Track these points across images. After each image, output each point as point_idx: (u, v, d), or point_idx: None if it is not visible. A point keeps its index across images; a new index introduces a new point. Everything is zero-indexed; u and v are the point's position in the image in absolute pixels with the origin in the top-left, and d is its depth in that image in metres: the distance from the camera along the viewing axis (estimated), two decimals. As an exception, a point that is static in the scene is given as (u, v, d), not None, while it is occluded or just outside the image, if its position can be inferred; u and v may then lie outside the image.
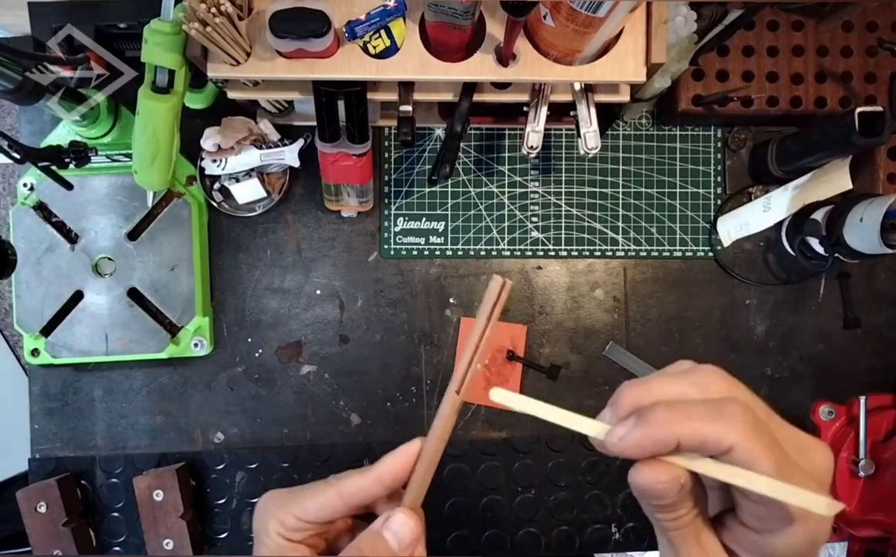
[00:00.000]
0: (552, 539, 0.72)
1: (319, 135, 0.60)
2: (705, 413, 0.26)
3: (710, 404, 0.27)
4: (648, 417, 0.27)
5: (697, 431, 0.26)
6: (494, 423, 0.72)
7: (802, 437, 0.29)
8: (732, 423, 0.26)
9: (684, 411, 0.27)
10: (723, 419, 0.26)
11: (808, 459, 0.28)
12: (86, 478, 0.71)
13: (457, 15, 0.48)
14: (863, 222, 0.60)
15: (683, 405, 0.27)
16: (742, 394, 0.28)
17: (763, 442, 0.26)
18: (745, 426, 0.26)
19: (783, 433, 0.28)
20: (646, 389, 0.28)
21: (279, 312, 0.72)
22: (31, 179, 0.68)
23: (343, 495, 0.34)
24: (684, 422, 0.26)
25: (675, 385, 0.28)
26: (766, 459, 0.25)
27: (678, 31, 0.61)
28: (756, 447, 0.25)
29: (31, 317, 0.68)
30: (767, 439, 0.26)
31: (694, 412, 0.26)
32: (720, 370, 0.28)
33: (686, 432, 0.26)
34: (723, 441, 0.26)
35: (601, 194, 0.73)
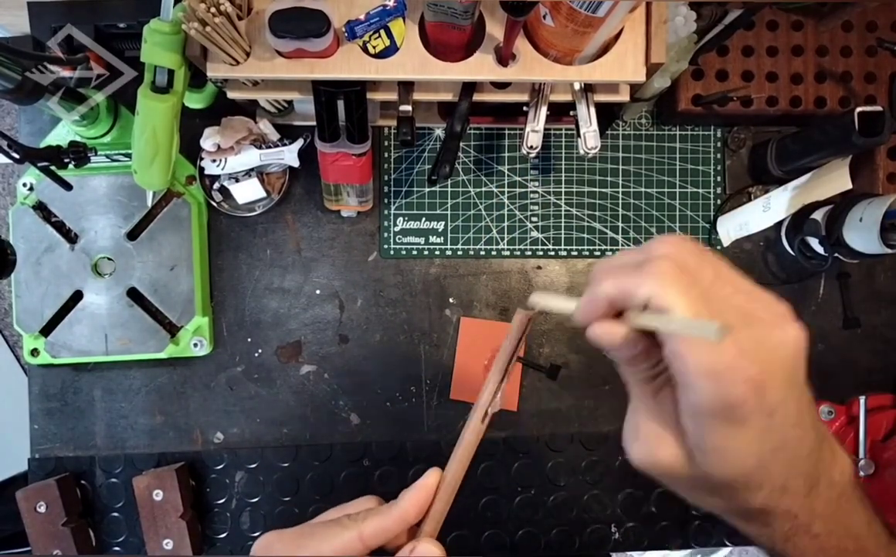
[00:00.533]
0: (552, 539, 0.72)
1: (319, 135, 0.60)
2: (629, 270, 0.29)
3: (643, 262, 0.29)
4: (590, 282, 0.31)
5: (619, 285, 0.29)
6: (494, 423, 0.72)
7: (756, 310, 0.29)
8: (651, 275, 0.28)
9: (616, 269, 0.29)
10: (642, 274, 0.28)
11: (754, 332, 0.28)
12: (85, 478, 0.71)
13: (456, 15, 0.48)
14: (862, 221, 0.60)
15: (618, 266, 0.30)
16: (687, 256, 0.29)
17: (678, 291, 0.27)
18: (664, 278, 0.27)
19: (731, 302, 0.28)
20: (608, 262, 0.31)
21: (279, 312, 0.72)
22: (31, 178, 0.68)
23: (365, 537, 0.32)
24: (610, 280, 0.29)
25: (629, 255, 0.31)
26: (679, 307, 0.27)
27: (678, 30, 0.61)
28: (670, 295, 0.27)
29: (31, 317, 0.68)
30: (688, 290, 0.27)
31: (620, 271, 0.29)
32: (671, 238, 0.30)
33: (611, 288, 0.29)
34: (639, 292, 0.28)
35: (601, 194, 0.73)
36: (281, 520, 0.71)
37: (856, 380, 0.73)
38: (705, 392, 0.27)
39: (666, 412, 0.31)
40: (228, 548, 0.71)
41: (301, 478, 0.71)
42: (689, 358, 0.27)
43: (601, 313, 0.30)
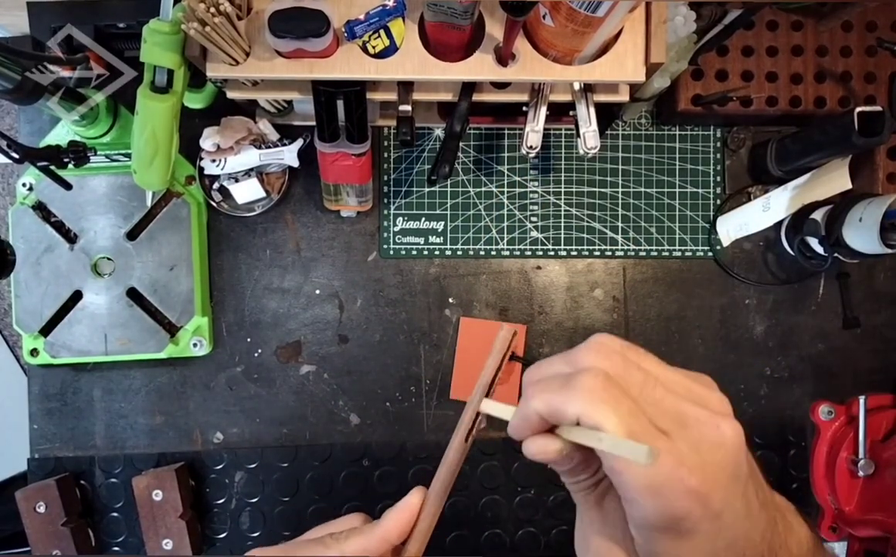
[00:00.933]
0: (552, 539, 0.72)
1: (319, 135, 0.60)
2: (557, 386, 0.28)
3: (567, 376, 0.28)
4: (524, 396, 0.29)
5: (548, 403, 0.28)
6: (494, 423, 0.72)
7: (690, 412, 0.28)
8: (579, 392, 0.27)
9: (544, 386, 0.29)
10: (571, 390, 0.27)
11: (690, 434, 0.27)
12: (85, 478, 0.71)
13: (456, 15, 0.48)
14: (862, 221, 0.60)
15: (546, 381, 0.29)
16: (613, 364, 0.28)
17: (610, 409, 0.26)
18: (592, 394, 0.26)
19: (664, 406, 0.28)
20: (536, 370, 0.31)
21: (278, 312, 0.72)
22: (30, 178, 0.68)
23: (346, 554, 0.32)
24: (540, 395, 0.28)
25: (555, 365, 0.30)
26: (610, 424, 0.26)
27: (677, 30, 0.61)
28: (600, 413, 0.26)
29: (30, 317, 0.68)
30: (618, 406, 0.26)
31: (551, 386, 0.28)
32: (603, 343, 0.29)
33: (541, 405, 0.28)
34: (568, 410, 0.27)
35: (601, 194, 0.73)
36: (281, 520, 0.71)
37: (856, 380, 0.73)
38: (647, 508, 0.27)
39: (613, 522, 0.31)
40: (228, 548, 0.71)
41: (301, 478, 0.71)
42: (627, 475, 0.26)
43: (534, 430, 0.29)
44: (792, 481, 0.72)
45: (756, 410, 0.73)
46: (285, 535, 0.71)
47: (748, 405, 0.73)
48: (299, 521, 0.71)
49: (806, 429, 0.72)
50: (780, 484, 0.72)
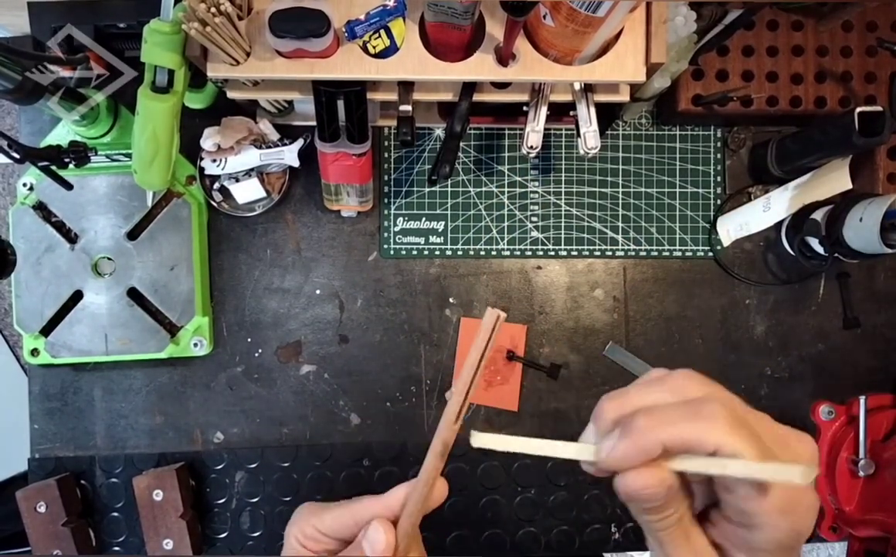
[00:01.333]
0: (552, 539, 0.72)
1: (319, 135, 0.60)
2: (686, 415, 0.27)
3: (690, 405, 0.27)
4: (631, 427, 0.27)
5: (680, 434, 0.27)
6: (494, 423, 0.73)
7: (783, 430, 0.29)
8: (713, 421, 0.26)
9: (664, 416, 0.27)
10: (704, 419, 0.26)
11: (790, 451, 0.28)
12: (85, 478, 0.71)
13: (456, 15, 0.48)
14: (862, 221, 0.60)
15: (663, 411, 0.28)
16: (719, 393, 0.28)
17: (745, 436, 0.26)
18: (726, 423, 0.26)
19: (762, 427, 0.28)
20: (625, 399, 0.29)
21: (279, 312, 0.72)
22: (31, 178, 0.68)
23: (354, 514, 0.36)
24: (666, 427, 0.27)
25: (653, 393, 0.29)
26: (750, 451, 0.26)
27: (678, 30, 0.61)
28: (739, 441, 0.26)
29: (31, 317, 0.68)
30: (748, 433, 0.26)
31: (674, 416, 0.27)
32: (694, 373, 0.29)
33: (669, 436, 0.27)
34: (707, 441, 0.26)
35: (601, 194, 0.73)
36: (281, 520, 0.71)
37: (856, 380, 0.73)
38: (780, 529, 0.27)
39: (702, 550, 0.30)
40: (228, 548, 0.71)
41: (301, 478, 0.71)
42: (760, 500, 0.27)
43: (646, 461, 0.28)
44: (792, 481, 0.72)
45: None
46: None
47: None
48: (299, 521, 0.71)
49: (806, 429, 0.72)
50: (780, 484, 0.72)
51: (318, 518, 0.37)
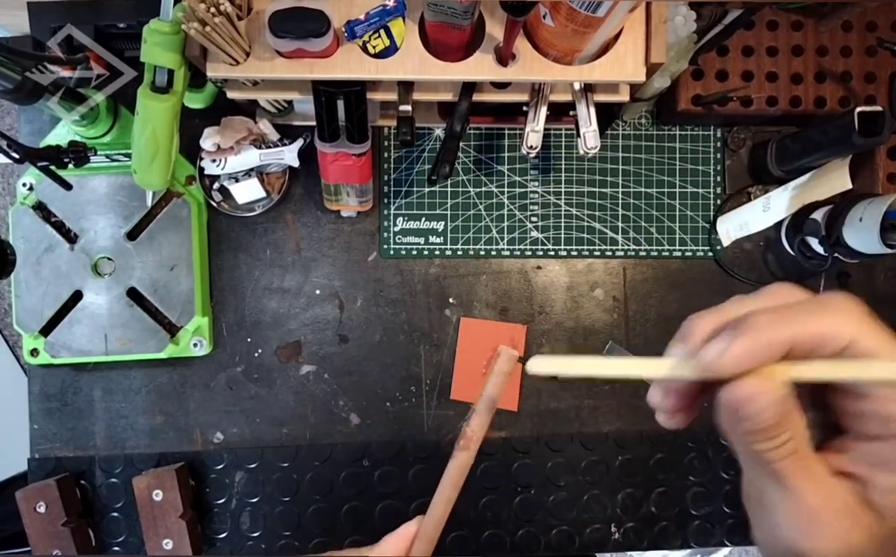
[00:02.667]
0: (552, 539, 0.72)
1: (319, 135, 0.60)
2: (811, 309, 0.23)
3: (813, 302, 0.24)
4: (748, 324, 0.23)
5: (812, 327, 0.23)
6: (494, 423, 0.72)
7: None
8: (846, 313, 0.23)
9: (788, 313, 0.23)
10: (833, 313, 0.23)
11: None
12: (85, 478, 0.71)
13: (456, 15, 0.48)
14: (862, 221, 0.60)
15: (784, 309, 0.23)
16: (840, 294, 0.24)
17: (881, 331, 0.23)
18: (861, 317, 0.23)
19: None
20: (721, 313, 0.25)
21: (278, 312, 0.72)
22: (31, 178, 0.68)
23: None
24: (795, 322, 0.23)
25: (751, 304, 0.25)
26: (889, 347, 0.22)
27: (678, 30, 0.61)
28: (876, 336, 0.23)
29: (31, 317, 0.68)
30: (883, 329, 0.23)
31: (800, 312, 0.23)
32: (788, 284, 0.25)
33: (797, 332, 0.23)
34: (842, 334, 0.22)
35: (601, 194, 0.73)
36: (281, 520, 0.71)
37: (856, 380, 0.73)
38: None
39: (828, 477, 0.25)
40: (228, 548, 0.71)
41: (301, 478, 0.71)
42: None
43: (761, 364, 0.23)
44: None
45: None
46: (285, 535, 0.71)
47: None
48: (299, 521, 0.71)
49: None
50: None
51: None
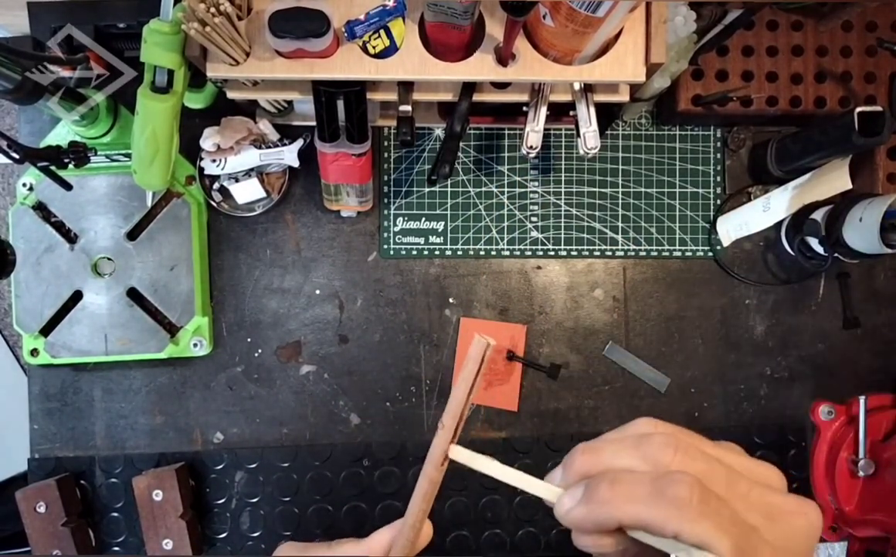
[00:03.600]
0: (552, 539, 0.72)
1: (319, 135, 0.60)
2: (649, 495, 0.25)
3: (657, 483, 0.25)
4: (592, 495, 0.26)
5: (638, 515, 0.25)
6: (494, 423, 0.72)
7: (775, 502, 0.27)
8: (677, 507, 0.24)
9: (628, 491, 0.25)
10: (666, 503, 0.24)
11: (782, 527, 0.26)
12: (85, 478, 0.71)
13: (456, 15, 0.48)
14: (862, 221, 0.60)
15: (628, 485, 0.26)
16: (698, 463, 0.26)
17: (714, 524, 0.24)
18: (691, 510, 0.24)
19: (751, 500, 0.26)
20: (597, 457, 0.28)
21: (278, 312, 0.72)
22: (31, 178, 0.68)
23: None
24: (626, 505, 0.25)
25: (625, 456, 0.27)
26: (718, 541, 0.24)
27: (677, 30, 0.61)
28: (705, 530, 0.24)
29: (31, 317, 0.68)
30: (720, 519, 0.24)
31: (637, 494, 0.25)
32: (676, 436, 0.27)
33: (627, 515, 0.25)
34: (666, 528, 0.24)
35: (601, 194, 0.73)
36: (281, 520, 0.71)
37: (856, 380, 0.73)
38: None
39: None
40: (228, 548, 0.71)
41: (301, 478, 0.71)
42: None
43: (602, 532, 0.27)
44: (792, 481, 0.72)
45: (756, 410, 0.73)
46: (286, 535, 0.71)
47: (748, 405, 0.73)
48: (299, 521, 0.71)
49: (806, 429, 0.72)
50: (780, 484, 0.72)
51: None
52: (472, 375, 0.29)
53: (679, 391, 0.73)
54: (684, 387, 0.73)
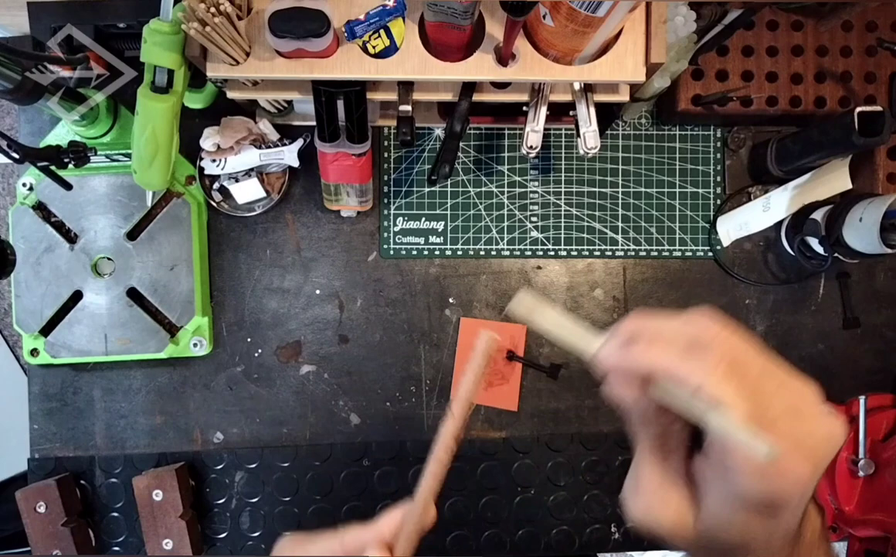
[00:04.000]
0: (552, 539, 0.72)
1: (319, 135, 0.60)
2: (682, 351, 0.27)
3: (692, 343, 0.28)
4: (633, 343, 0.29)
5: (668, 366, 0.27)
6: (494, 423, 0.72)
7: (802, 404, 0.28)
8: (704, 364, 0.27)
9: (665, 347, 0.28)
10: (696, 361, 0.27)
11: (802, 426, 0.27)
12: (85, 478, 0.71)
13: (456, 15, 0.48)
14: (862, 221, 0.60)
15: (668, 342, 0.28)
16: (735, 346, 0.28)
17: (734, 388, 0.26)
18: (716, 371, 0.26)
19: (779, 396, 0.28)
20: (646, 321, 0.30)
21: (278, 312, 0.72)
22: (31, 178, 0.68)
23: (344, 545, 0.36)
24: (660, 357, 0.27)
25: (674, 322, 0.29)
26: (735, 405, 0.26)
27: (677, 30, 0.61)
28: (724, 391, 0.26)
29: (31, 317, 0.68)
30: (742, 387, 0.26)
31: (672, 349, 0.28)
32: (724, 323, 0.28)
33: (656, 365, 0.28)
34: (689, 380, 0.27)
35: (601, 194, 0.73)
36: (281, 520, 0.71)
37: (856, 380, 0.73)
38: (752, 487, 0.27)
39: (674, 471, 0.31)
40: (228, 548, 0.71)
41: (301, 478, 0.71)
42: (739, 454, 0.26)
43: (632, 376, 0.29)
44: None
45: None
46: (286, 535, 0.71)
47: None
48: (299, 521, 0.71)
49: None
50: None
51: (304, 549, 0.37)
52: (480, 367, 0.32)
53: (679, 391, 0.73)
54: (684, 387, 0.73)
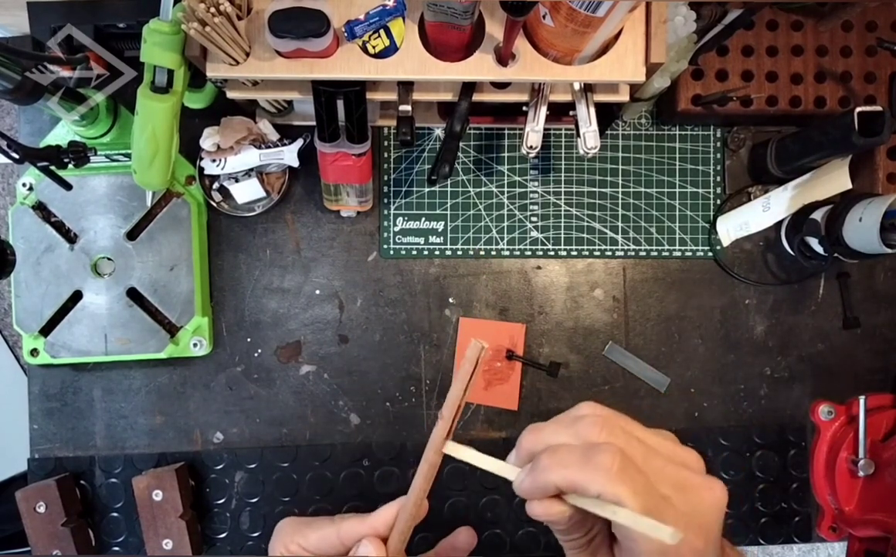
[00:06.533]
0: (552, 539, 0.72)
1: (319, 135, 0.60)
2: (579, 461, 0.30)
3: (586, 452, 0.30)
4: (535, 465, 0.31)
5: (570, 478, 0.30)
6: (494, 423, 0.72)
7: (687, 477, 0.31)
8: (599, 471, 0.29)
9: (561, 459, 0.30)
10: (591, 468, 0.29)
11: (690, 498, 0.31)
12: (85, 478, 0.71)
13: (456, 15, 0.48)
14: (862, 221, 0.60)
15: (562, 454, 0.31)
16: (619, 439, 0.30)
17: (629, 486, 0.28)
18: (611, 474, 0.29)
19: (665, 474, 0.31)
20: (539, 436, 0.33)
21: (278, 312, 0.72)
22: (30, 178, 0.68)
23: (341, 533, 0.38)
24: (560, 470, 0.30)
25: (562, 434, 0.32)
26: (631, 501, 0.28)
27: (677, 30, 0.61)
28: (621, 491, 0.28)
29: (30, 317, 0.68)
30: (634, 484, 0.29)
31: (569, 460, 0.30)
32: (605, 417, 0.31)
33: (561, 479, 0.30)
34: (590, 487, 0.29)
35: (601, 194, 0.73)
36: (281, 520, 0.71)
37: (856, 380, 0.73)
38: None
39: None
40: (228, 548, 0.71)
41: (301, 478, 0.71)
42: (642, 542, 0.30)
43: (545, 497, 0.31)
44: (792, 481, 0.72)
45: (756, 410, 0.73)
46: (285, 535, 0.71)
47: (748, 405, 0.73)
48: (299, 521, 0.71)
49: (806, 429, 0.72)
50: (780, 484, 0.72)
51: (303, 535, 0.38)
52: (468, 374, 0.33)
53: (679, 390, 0.73)
54: (684, 387, 0.73)
